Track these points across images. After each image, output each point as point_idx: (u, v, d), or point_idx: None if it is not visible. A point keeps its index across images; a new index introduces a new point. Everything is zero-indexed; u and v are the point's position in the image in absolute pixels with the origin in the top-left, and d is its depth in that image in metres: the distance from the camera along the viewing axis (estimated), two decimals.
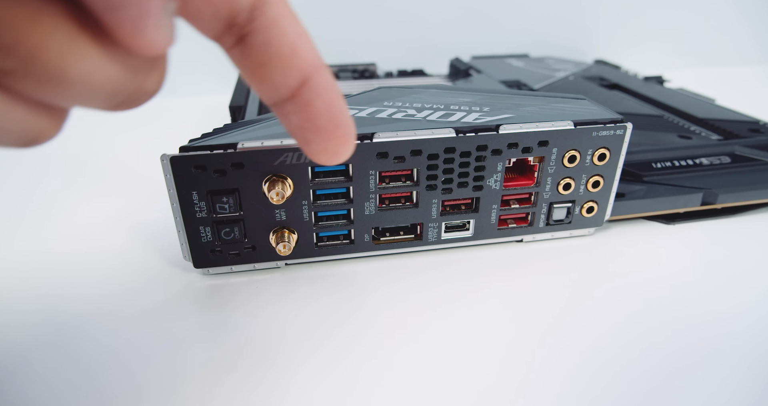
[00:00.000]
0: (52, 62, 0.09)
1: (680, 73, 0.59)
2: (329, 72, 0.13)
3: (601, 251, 0.25)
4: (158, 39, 0.09)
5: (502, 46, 0.59)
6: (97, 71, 0.09)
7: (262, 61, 0.12)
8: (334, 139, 0.13)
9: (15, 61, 0.08)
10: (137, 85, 0.10)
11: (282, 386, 0.18)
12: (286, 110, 0.13)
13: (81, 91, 0.09)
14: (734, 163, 0.29)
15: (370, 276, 0.23)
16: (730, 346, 0.19)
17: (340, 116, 0.13)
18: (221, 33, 0.12)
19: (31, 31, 0.08)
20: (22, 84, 0.09)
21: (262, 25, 0.12)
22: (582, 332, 0.20)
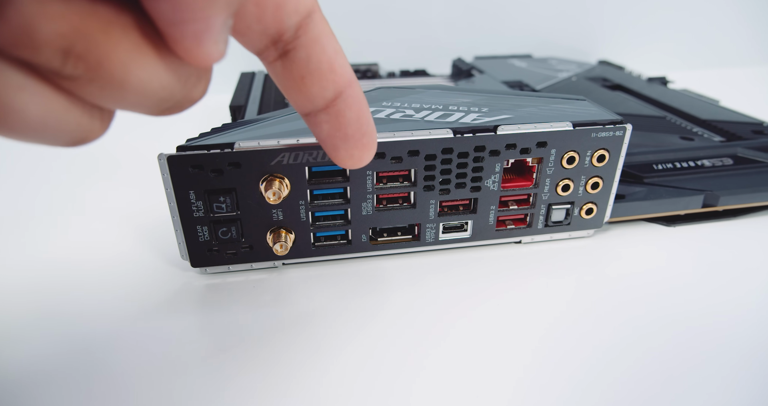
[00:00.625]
0: (117, 70, 0.09)
1: (685, 74, 0.58)
2: (359, 86, 0.14)
3: (601, 252, 0.25)
4: (214, 52, 0.10)
5: (505, 46, 0.58)
6: (154, 79, 0.10)
7: (301, 75, 0.13)
8: (360, 146, 0.14)
9: (83, 68, 0.09)
10: (186, 93, 0.11)
11: (278, 386, 0.18)
12: (319, 120, 0.14)
13: (137, 97, 0.10)
14: (736, 165, 0.29)
15: (367, 277, 0.23)
16: (731, 349, 0.19)
17: (367, 125, 0.14)
18: (265, 48, 0.13)
19: (102, 41, 0.09)
20: (85, 89, 0.09)
21: (304, 42, 0.13)
22: (581, 336, 0.20)
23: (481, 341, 0.20)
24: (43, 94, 0.09)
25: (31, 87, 0.09)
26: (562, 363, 0.18)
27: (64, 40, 0.09)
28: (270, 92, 0.34)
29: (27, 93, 0.09)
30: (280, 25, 0.12)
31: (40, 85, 0.09)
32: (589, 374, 0.18)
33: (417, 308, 0.21)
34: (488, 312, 0.21)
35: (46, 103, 0.09)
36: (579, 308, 0.21)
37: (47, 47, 0.09)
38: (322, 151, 0.21)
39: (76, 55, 0.09)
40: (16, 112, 0.09)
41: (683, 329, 0.20)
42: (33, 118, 0.09)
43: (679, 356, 0.19)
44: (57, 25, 0.09)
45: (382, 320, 0.21)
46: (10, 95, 0.09)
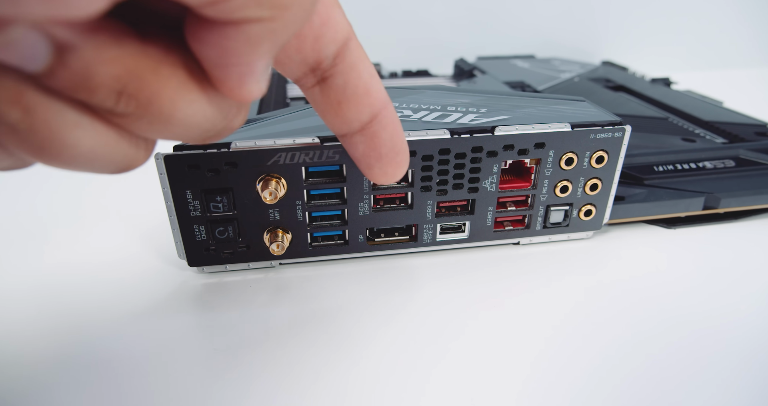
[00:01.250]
0: (165, 107, 0.10)
1: (689, 75, 0.58)
2: (393, 107, 0.14)
3: (600, 254, 0.25)
4: (256, 90, 0.11)
5: (509, 46, 0.58)
6: (199, 114, 0.11)
7: (339, 100, 0.13)
8: (394, 164, 0.15)
9: (135, 106, 0.10)
10: (227, 123, 0.12)
11: (274, 385, 0.18)
12: (355, 141, 0.14)
13: (181, 130, 0.11)
14: (738, 167, 0.29)
15: (363, 277, 0.23)
16: (732, 352, 0.19)
17: (401, 144, 0.15)
18: (304, 76, 0.13)
19: (152, 80, 0.10)
20: (134, 124, 0.10)
21: (342, 69, 0.13)
22: (580, 339, 0.20)
23: (478, 344, 0.19)
24: (95, 129, 0.10)
25: (85, 124, 0.10)
26: (561, 367, 0.18)
27: (118, 82, 0.09)
28: (270, 92, 0.34)
29: (81, 129, 0.10)
30: (319, 55, 0.13)
31: (93, 121, 0.10)
32: (590, 377, 0.18)
33: (415, 310, 0.21)
34: (485, 315, 0.21)
35: (98, 137, 0.10)
36: (578, 310, 0.21)
37: (103, 89, 0.09)
38: (319, 152, 0.21)
39: (128, 95, 0.09)
40: (70, 147, 0.10)
41: (683, 332, 0.20)
42: (85, 152, 0.10)
43: (680, 359, 0.19)
44: (112, 69, 0.09)
45: (379, 321, 0.21)
46: (66, 132, 0.09)
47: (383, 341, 0.20)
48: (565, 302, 0.22)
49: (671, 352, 0.19)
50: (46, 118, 0.09)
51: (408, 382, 0.18)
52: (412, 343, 0.19)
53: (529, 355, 0.19)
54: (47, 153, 0.10)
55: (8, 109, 0.09)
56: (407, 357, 0.19)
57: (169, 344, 0.19)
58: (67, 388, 0.18)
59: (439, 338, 0.20)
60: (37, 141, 0.09)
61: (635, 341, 0.19)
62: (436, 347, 0.19)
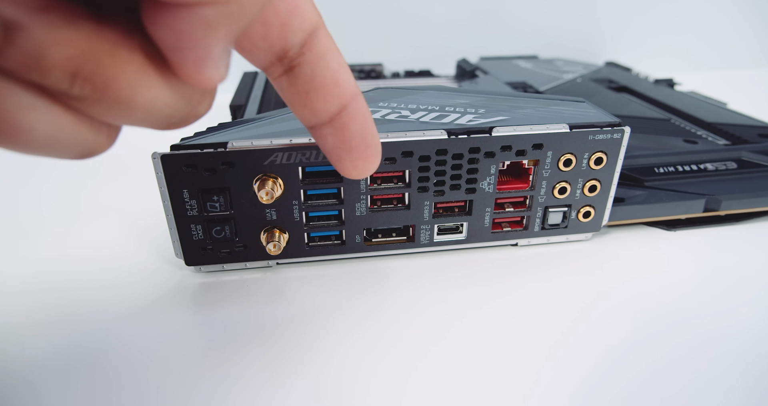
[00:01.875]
0: (123, 91, 0.10)
1: (695, 76, 0.57)
2: (363, 99, 0.14)
3: (599, 256, 0.25)
4: (215, 76, 0.10)
5: (512, 47, 0.58)
6: (159, 99, 0.10)
7: (306, 90, 0.13)
8: (364, 158, 0.15)
9: (90, 89, 0.09)
10: (190, 109, 0.11)
11: (270, 384, 0.18)
12: (324, 132, 0.14)
13: (142, 115, 0.10)
14: (740, 169, 0.28)
15: (360, 277, 0.23)
16: (732, 357, 0.19)
17: (371, 137, 0.15)
18: (271, 64, 0.13)
19: (108, 63, 0.09)
20: (92, 108, 0.10)
21: (309, 58, 0.13)
22: (577, 343, 0.20)
23: (474, 346, 0.19)
24: (52, 112, 0.10)
25: (40, 106, 0.09)
26: (559, 370, 0.18)
27: (71, 63, 0.09)
28: (271, 92, 0.34)
29: (37, 112, 0.09)
30: (286, 42, 0.12)
31: (49, 104, 0.10)
32: (588, 381, 0.18)
33: (411, 310, 0.21)
34: (482, 316, 0.21)
35: (55, 121, 0.10)
36: (576, 313, 0.21)
37: (56, 70, 0.09)
38: (315, 152, 0.21)
39: (83, 77, 0.09)
40: (26, 130, 0.09)
41: (683, 335, 0.20)
42: (42, 135, 0.10)
43: (680, 363, 0.18)
44: (65, 50, 0.09)
45: (374, 322, 0.21)
46: (20, 114, 0.09)
47: (380, 341, 0.19)
48: (563, 305, 0.21)
49: (671, 356, 0.19)
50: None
51: (407, 380, 0.18)
52: (407, 343, 0.19)
53: (527, 357, 0.19)
54: (3, 136, 0.09)
55: None
56: (403, 357, 0.19)
57: (164, 343, 0.19)
58: (61, 384, 0.18)
59: (434, 339, 0.20)
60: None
61: (634, 344, 0.19)
62: (431, 348, 0.19)
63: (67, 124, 0.10)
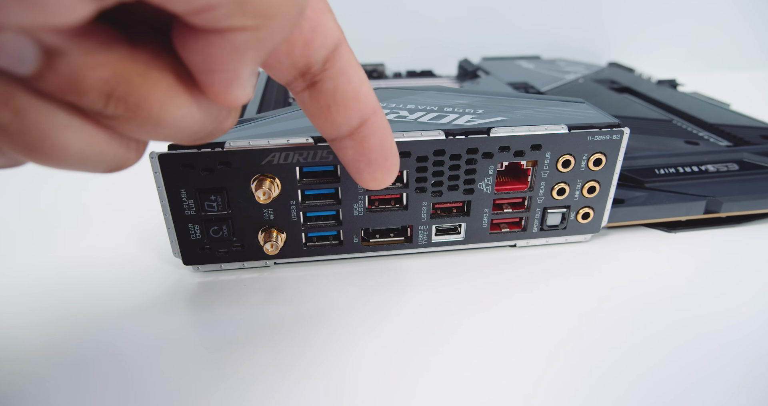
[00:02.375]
0: (153, 110, 0.10)
1: (698, 76, 0.57)
2: (383, 113, 0.15)
3: (598, 257, 0.25)
4: (242, 96, 0.11)
5: (515, 47, 0.58)
6: (187, 117, 0.11)
7: (327, 104, 0.13)
8: (383, 170, 0.15)
9: (123, 108, 0.10)
10: (217, 126, 0.12)
11: (265, 384, 0.18)
12: (344, 145, 0.14)
13: (171, 132, 0.11)
14: (742, 171, 0.28)
15: (358, 278, 0.23)
16: (732, 360, 0.18)
17: (390, 150, 0.15)
18: (293, 79, 0.13)
19: (141, 84, 0.10)
20: (124, 126, 0.10)
21: (331, 74, 0.13)
22: (575, 346, 0.19)
23: (474, 351, 0.19)
24: (85, 130, 0.10)
25: (75, 125, 0.10)
26: (555, 374, 0.18)
27: (106, 85, 0.09)
28: (271, 92, 0.34)
29: (71, 130, 0.10)
30: (308, 59, 0.13)
31: (83, 123, 0.10)
32: (586, 385, 0.18)
33: (408, 312, 0.21)
34: (479, 318, 0.21)
35: (88, 138, 0.10)
36: (575, 315, 0.21)
37: (92, 92, 0.09)
38: (313, 152, 0.21)
39: (117, 98, 0.10)
40: (61, 147, 0.10)
41: (683, 338, 0.20)
42: (76, 152, 0.10)
43: (680, 366, 0.18)
44: (101, 73, 0.09)
45: (372, 322, 0.21)
46: (56, 133, 0.10)
47: (376, 341, 0.19)
48: (561, 307, 0.21)
49: (671, 358, 0.19)
50: (36, 120, 0.09)
51: (400, 383, 0.18)
52: (404, 344, 0.19)
53: (527, 360, 0.19)
54: (38, 153, 0.10)
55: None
56: (399, 358, 0.19)
57: (160, 342, 0.20)
58: (59, 383, 0.18)
59: (432, 340, 0.20)
60: (27, 142, 0.09)
61: (634, 347, 0.19)
62: (427, 349, 0.19)
63: (100, 141, 0.10)
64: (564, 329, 0.20)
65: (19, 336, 0.20)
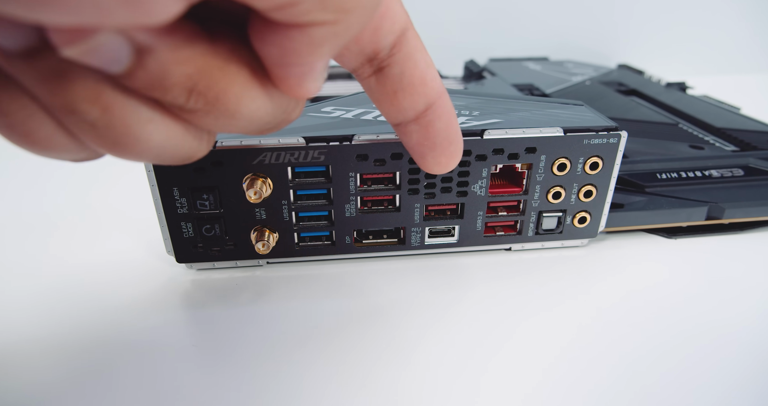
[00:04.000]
0: (231, 103, 0.10)
1: (712, 79, 0.56)
2: (448, 97, 0.14)
3: (593, 263, 0.24)
4: (313, 89, 0.11)
5: (525, 48, 0.57)
6: (261, 109, 0.11)
7: (394, 90, 0.13)
8: (447, 154, 0.15)
9: (203, 102, 0.10)
10: (285, 117, 0.12)
11: (246, 382, 0.18)
12: (409, 129, 0.14)
13: (244, 124, 0.11)
14: (747, 177, 0.28)
15: (348, 278, 0.23)
16: (731, 370, 0.18)
17: (455, 134, 0.15)
18: (361, 66, 0.13)
19: (220, 78, 0.10)
20: (201, 119, 0.10)
21: (398, 59, 0.13)
22: (570, 353, 0.19)
23: (454, 356, 0.19)
24: (165, 124, 0.10)
25: (156, 119, 0.10)
26: (551, 381, 0.18)
27: (189, 80, 0.10)
28: None
29: (153, 125, 0.10)
30: (377, 45, 0.13)
31: (163, 117, 0.10)
32: (581, 396, 0.17)
33: (396, 313, 0.21)
34: (463, 323, 0.21)
35: (168, 132, 0.10)
36: (568, 323, 0.21)
37: (176, 87, 0.10)
38: (304, 152, 0.21)
39: (198, 92, 0.10)
40: (143, 141, 0.10)
41: (681, 347, 0.19)
42: (156, 145, 0.10)
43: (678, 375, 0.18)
44: (185, 68, 0.09)
45: (362, 323, 0.20)
46: (139, 128, 0.10)
47: (370, 343, 0.19)
48: (551, 313, 0.21)
49: (670, 369, 0.18)
50: (122, 116, 0.10)
51: (389, 388, 0.18)
52: (397, 346, 0.19)
53: (518, 365, 0.18)
54: (121, 147, 0.10)
55: (88, 108, 0.09)
56: (397, 359, 0.19)
57: (149, 338, 0.20)
58: (47, 377, 0.18)
59: (423, 344, 0.19)
60: (112, 136, 0.10)
61: (631, 357, 0.19)
62: (421, 352, 0.19)
63: (177, 134, 0.11)
64: (558, 336, 0.20)
65: (9, 332, 0.20)
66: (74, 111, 0.09)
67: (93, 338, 0.20)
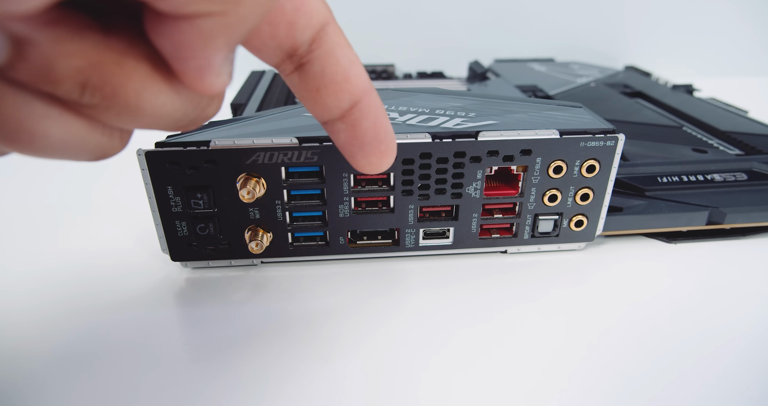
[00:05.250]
0: (131, 98, 0.10)
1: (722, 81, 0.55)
2: (376, 94, 0.14)
3: (590, 267, 0.24)
4: (217, 83, 0.11)
5: (533, 49, 0.57)
6: (167, 104, 0.11)
7: (317, 87, 0.13)
8: (377, 153, 0.15)
9: (100, 97, 0.10)
10: (199, 113, 0.12)
11: (235, 382, 0.18)
12: (336, 128, 0.14)
13: (151, 120, 0.11)
14: (750, 181, 0.27)
15: (341, 279, 0.23)
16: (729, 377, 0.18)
17: (384, 133, 0.14)
18: (281, 62, 0.13)
19: (116, 72, 0.10)
20: (102, 115, 0.10)
21: (318, 55, 0.13)
22: (564, 358, 0.19)
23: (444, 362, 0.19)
24: (64, 119, 0.10)
25: (53, 114, 0.10)
26: (546, 387, 0.18)
27: (80, 74, 0.09)
28: (274, 91, 0.34)
29: (49, 120, 0.10)
30: (293, 41, 0.12)
31: (61, 112, 0.10)
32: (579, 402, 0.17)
33: (391, 314, 0.21)
34: (454, 327, 0.20)
35: (67, 127, 0.10)
36: (558, 325, 0.20)
37: (66, 81, 0.09)
38: (297, 152, 0.21)
39: (93, 87, 0.09)
40: (40, 137, 0.10)
41: (678, 353, 0.19)
42: (56, 141, 0.10)
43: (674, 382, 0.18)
44: (74, 61, 0.09)
45: (353, 324, 0.20)
46: (34, 122, 0.10)
47: (364, 344, 0.19)
48: (545, 317, 0.21)
49: (668, 376, 0.18)
50: (12, 110, 0.09)
51: (381, 389, 0.17)
52: (394, 347, 0.19)
53: (509, 372, 0.18)
54: (17, 143, 0.10)
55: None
56: (395, 359, 0.18)
57: (140, 335, 0.20)
58: (40, 375, 0.18)
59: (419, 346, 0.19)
60: (5, 132, 0.10)
61: (626, 365, 0.18)
62: (417, 354, 0.19)
63: (80, 130, 0.10)
64: (553, 340, 0.20)
65: (3, 330, 0.20)
66: None
67: (85, 333, 0.20)
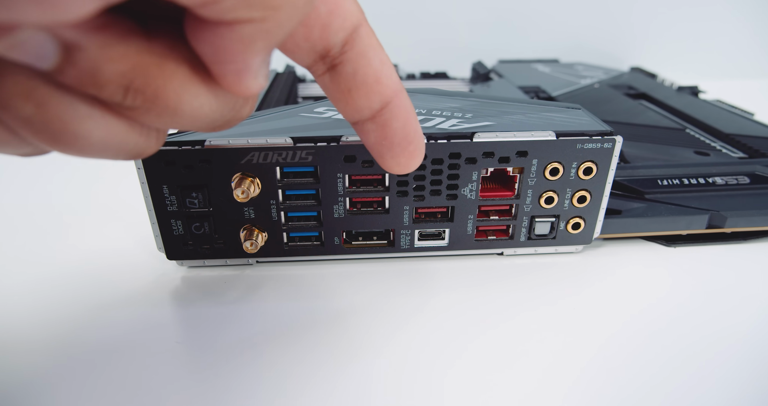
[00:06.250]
0: (171, 100, 0.10)
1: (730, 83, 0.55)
2: (406, 95, 0.14)
3: (587, 270, 0.24)
4: (254, 86, 0.11)
5: (538, 49, 0.57)
6: (205, 106, 0.11)
7: (348, 88, 0.13)
8: (406, 154, 0.15)
9: (142, 100, 0.10)
10: (234, 114, 0.12)
11: (226, 380, 0.18)
12: (366, 129, 0.14)
13: (189, 121, 0.11)
14: (753, 185, 0.27)
15: (335, 279, 0.23)
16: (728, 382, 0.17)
17: (413, 134, 0.15)
18: (314, 63, 0.13)
19: (157, 76, 0.10)
20: (143, 116, 0.11)
21: (351, 57, 0.13)
22: (560, 364, 0.19)
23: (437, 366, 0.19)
24: (105, 121, 0.10)
25: (95, 116, 0.10)
26: (533, 393, 0.18)
27: (124, 77, 0.10)
28: (275, 91, 0.34)
29: (92, 121, 0.10)
30: (327, 42, 0.13)
31: (103, 113, 0.10)
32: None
33: (386, 315, 0.21)
34: (448, 329, 0.20)
35: (109, 128, 0.10)
36: (553, 328, 0.20)
37: (110, 85, 0.10)
38: (292, 152, 0.21)
39: (135, 89, 0.10)
40: (83, 138, 0.10)
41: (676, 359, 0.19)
42: (97, 141, 0.10)
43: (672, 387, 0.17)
44: (118, 66, 0.10)
45: (350, 327, 0.20)
46: (78, 124, 0.10)
47: (361, 345, 0.19)
48: (539, 320, 0.21)
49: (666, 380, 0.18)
50: (58, 112, 0.10)
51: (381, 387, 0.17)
52: (391, 347, 0.19)
53: (508, 374, 0.18)
54: (61, 143, 0.10)
55: (22, 103, 0.10)
56: (393, 359, 0.18)
57: (134, 333, 0.20)
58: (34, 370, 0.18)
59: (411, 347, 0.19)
60: (50, 132, 0.10)
61: (622, 369, 0.18)
62: (406, 355, 0.19)
63: (120, 130, 0.11)
64: (549, 343, 0.19)
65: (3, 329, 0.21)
66: (7, 106, 0.09)
67: (80, 332, 0.20)
